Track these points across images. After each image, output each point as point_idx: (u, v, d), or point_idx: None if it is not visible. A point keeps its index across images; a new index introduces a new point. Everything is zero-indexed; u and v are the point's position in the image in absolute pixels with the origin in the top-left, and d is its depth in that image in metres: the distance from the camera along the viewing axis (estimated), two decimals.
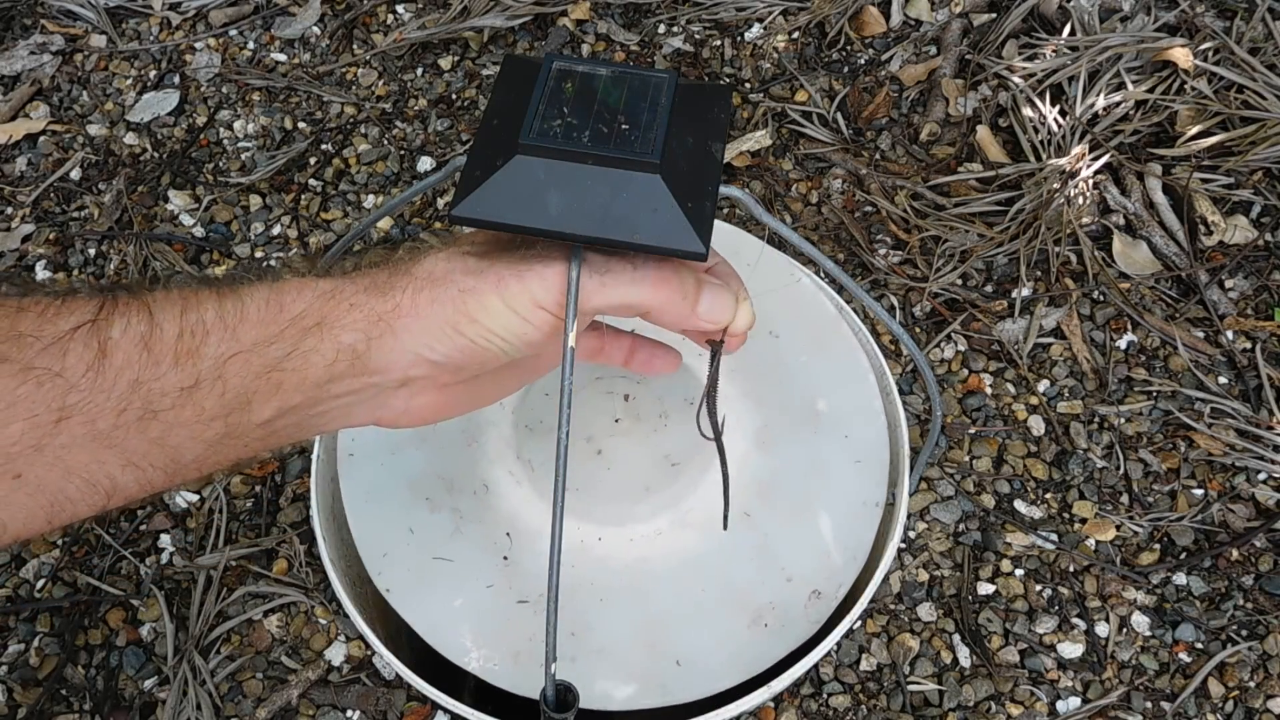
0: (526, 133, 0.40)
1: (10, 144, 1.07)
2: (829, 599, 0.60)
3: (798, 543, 0.62)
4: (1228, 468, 0.87)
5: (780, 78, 1.10)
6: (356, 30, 1.15)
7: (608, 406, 0.63)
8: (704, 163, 0.43)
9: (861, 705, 0.79)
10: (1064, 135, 1.02)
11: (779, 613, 0.59)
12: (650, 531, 0.61)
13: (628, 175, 0.40)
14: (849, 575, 0.61)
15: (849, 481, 0.63)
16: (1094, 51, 1.05)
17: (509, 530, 0.61)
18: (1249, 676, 0.80)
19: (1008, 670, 0.80)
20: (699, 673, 0.58)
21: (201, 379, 0.38)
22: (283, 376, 0.40)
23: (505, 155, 0.41)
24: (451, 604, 0.59)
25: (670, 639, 0.59)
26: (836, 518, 0.62)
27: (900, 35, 1.13)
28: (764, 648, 0.59)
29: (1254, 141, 1.00)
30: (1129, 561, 0.84)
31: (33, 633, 0.81)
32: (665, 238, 0.40)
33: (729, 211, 1.01)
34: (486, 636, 0.58)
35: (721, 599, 0.60)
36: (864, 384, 0.67)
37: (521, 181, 0.40)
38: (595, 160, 0.40)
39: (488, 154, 0.41)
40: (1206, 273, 0.96)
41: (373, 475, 0.63)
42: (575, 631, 0.59)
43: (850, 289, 0.49)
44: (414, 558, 0.61)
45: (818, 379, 0.67)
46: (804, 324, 0.68)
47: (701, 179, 0.42)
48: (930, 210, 1.00)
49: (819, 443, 0.65)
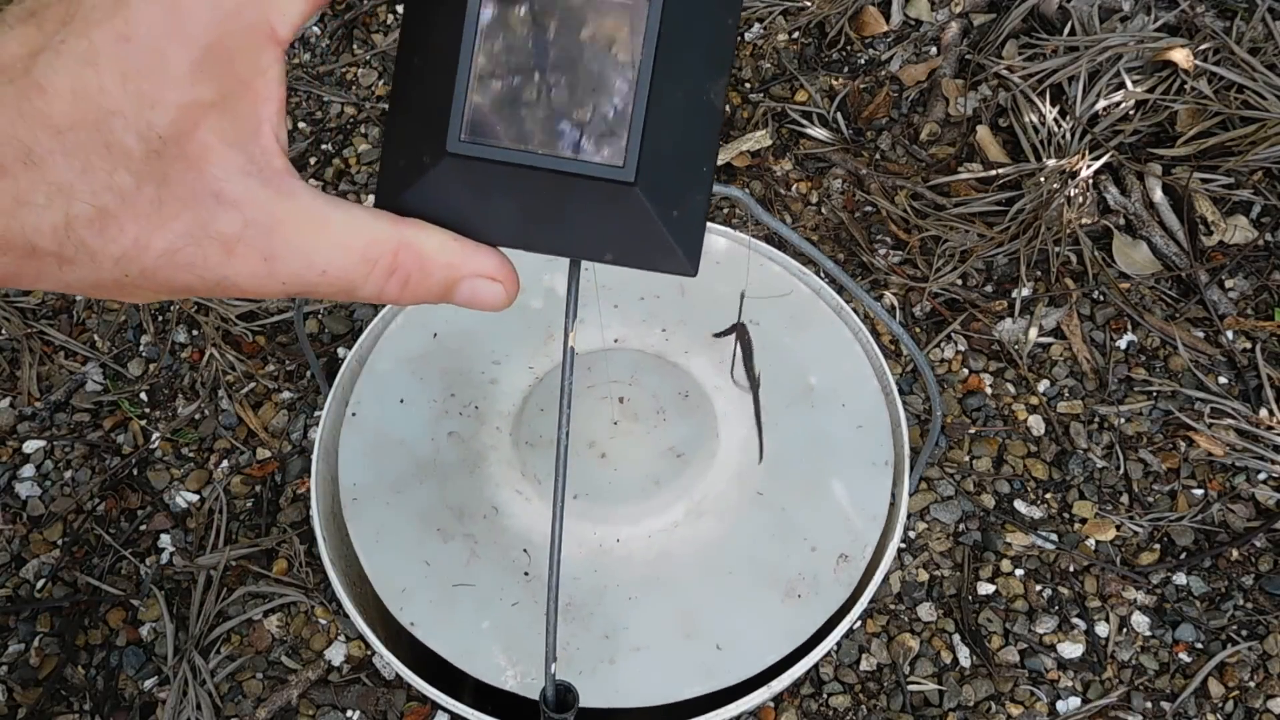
0: (455, 126, 0.30)
1: None
2: (857, 560, 0.61)
3: (815, 512, 0.63)
4: (1228, 468, 0.87)
5: (780, 78, 1.10)
6: (356, 30, 1.15)
7: (604, 410, 0.64)
8: (697, 127, 0.32)
9: (861, 705, 0.79)
10: (1064, 135, 1.02)
11: (810, 582, 0.61)
12: (667, 524, 0.62)
13: (593, 187, 0.31)
14: (872, 535, 0.62)
15: (853, 446, 0.65)
16: (1094, 51, 1.05)
17: (525, 547, 0.62)
18: (1249, 676, 0.80)
19: (1008, 670, 0.80)
20: (741, 653, 0.59)
21: None
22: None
23: (431, 152, 0.31)
24: (479, 627, 0.60)
25: (706, 625, 0.60)
26: (848, 482, 0.64)
27: (900, 35, 1.13)
28: (802, 618, 0.60)
29: (1254, 141, 1.00)
30: (1129, 561, 0.84)
31: (33, 633, 0.81)
32: (645, 257, 0.32)
33: (729, 212, 1.01)
34: (519, 653, 0.59)
35: (751, 578, 0.61)
36: (851, 353, 0.68)
37: (456, 187, 0.31)
38: (549, 170, 0.30)
39: (411, 134, 0.32)
40: (1206, 273, 0.96)
41: (380, 515, 0.63)
42: (609, 634, 0.59)
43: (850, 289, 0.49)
44: (434, 589, 0.61)
45: (804, 356, 0.68)
46: (781, 306, 0.70)
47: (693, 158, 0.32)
48: (930, 210, 1.00)
49: (817, 415, 0.66)
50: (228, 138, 0.27)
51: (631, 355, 0.67)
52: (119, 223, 0.26)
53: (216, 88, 0.27)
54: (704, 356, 0.68)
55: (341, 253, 0.29)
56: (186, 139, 0.26)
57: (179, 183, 0.26)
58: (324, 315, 0.95)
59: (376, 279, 0.30)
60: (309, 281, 0.29)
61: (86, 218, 0.26)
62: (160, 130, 0.26)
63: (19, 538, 0.86)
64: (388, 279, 0.30)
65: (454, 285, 0.31)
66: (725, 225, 0.78)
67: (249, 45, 0.27)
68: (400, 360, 0.68)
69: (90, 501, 0.87)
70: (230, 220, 0.27)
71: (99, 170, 0.26)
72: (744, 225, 0.99)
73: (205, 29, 0.26)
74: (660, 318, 0.70)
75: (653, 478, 0.62)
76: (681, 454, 0.63)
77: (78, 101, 0.26)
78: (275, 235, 0.28)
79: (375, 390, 0.67)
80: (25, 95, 0.26)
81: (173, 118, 0.26)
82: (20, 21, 0.27)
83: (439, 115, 0.31)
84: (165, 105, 0.26)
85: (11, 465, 0.89)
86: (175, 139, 0.26)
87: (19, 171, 0.25)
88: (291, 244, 0.28)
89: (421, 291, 0.31)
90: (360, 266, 0.29)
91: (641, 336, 0.69)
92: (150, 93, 0.26)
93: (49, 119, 0.26)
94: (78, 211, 0.26)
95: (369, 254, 0.29)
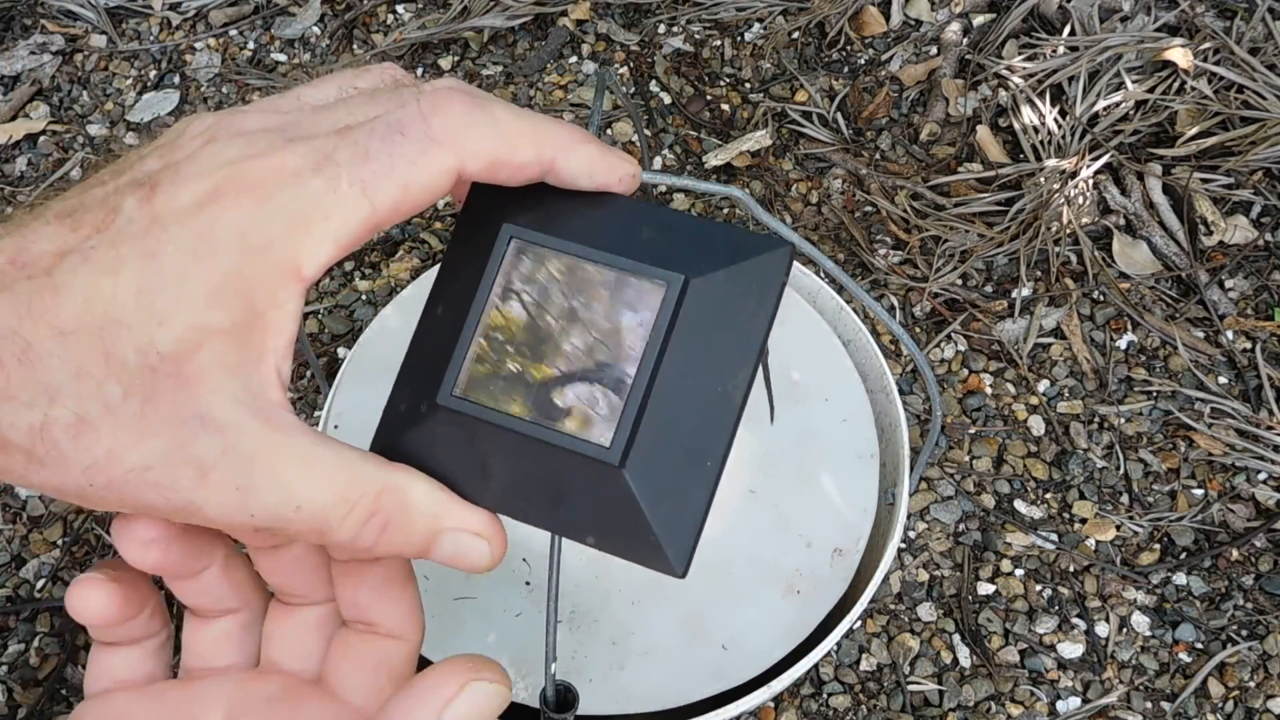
0: (451, 379, 0.30)
1: (10, 144, 1.07)
2: (851, 554, 0.62)
3: (808, 507, 0.63)
4: (1228, 468, 0.87)
5: (780, 78, 1.10)
6: (356, 30, 1.15)
7: None
8: (707, 418, 0.29)
9: (861, 705, 0.79)
10: (1064, 135, 1.02)
11: (808, 577, 0.61)
12: None
13: (582, 464, 0.29)
14: (864, 528, 0.63)
15: (840, 440, 0.65)
16: (1094, 51, 1.05)
17: (525, 556, 0.62)
18: (1249, 676, 0.80)
19: (1008, 670, 0.80)
20: (747, 652, 0.59)
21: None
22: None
23: (429, 402, 0.30)
24: (484, 640, 0.59)
25: (711, 626, 0.60)
26: (837, 476, 0.64)
27: (900, 35, 1.13)
28: (803, 614, 0.60)
29: (1254, 141, 1.00)
30: (1129, 561, 0.84)
31: (33, 633, 0.81)
32: (629, 547, 0.30)
33: (729, 212, 1.01)
34: (527, 663, 0.58)
35: (751, 576, 0.61)
36: (830, 347, 0.69)
37: (448, 441, 0.30)
38: (537, 437, 0.29)
39: (416, 380, 0.31)
40: (1206, 273, 0.96)
41: None
42: (615, 640, 0.59)
43: (850, 289, 0.49)
44: (434, 604, 0.60)
45: (785, 352, 0.68)
46: None
47: (698, 451, 0.29)
48: (930, 210, 1.00)
49: (802, 411, 0.66)
50: (228, 364, 0.26)
51: None
52: (97, 432, 0.26)
53: (229, 315, 0.26)
54: None
55: (321, 489, 0.27)
56: (186, 360, 0.26)
57: (166, 401, 0.26)
58: (324, 315, 0.95)
59: (354, 521, 0.28)
60: (282, 516, 0.27)
61: (65, 423, 0.25)
62: (161, 347, 0.26)
63: (19, 538, 0.86)
64: (366, 522, 0.28)
65: (437, 537, 0.30)
66: None
67: (271, 279, 0.27)
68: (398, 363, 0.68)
69: None
70: (209, 445, 0.26)
71: (91, 378, 0.25)
72: (744, 225, 0.99)
73: (231, 258, 0.26)
74: None
75: None
76: None
77: (88, 306, 0.25)
78: (255, 466, 0.27)
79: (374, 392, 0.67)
80: (39, 293, 0.25)
81: (178, 336, 0.26)
82: (58, 219, 0.27)
83: (440, 366, 0.30)
84: (173, 324, 0.26)
85: None
86: (174, 358, 0.26)
87: (12, 367, 0.25)
88: (270, 476, 0.27)
89: (400, 540, 0.29)
90: (338, 506, 0.28)
91: None
92: (162, 310, 0.26)
93: (56, 320, 0.25)
94: (57, 415, 0.25)
95: (349, 494, 0.28)
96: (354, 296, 0.96)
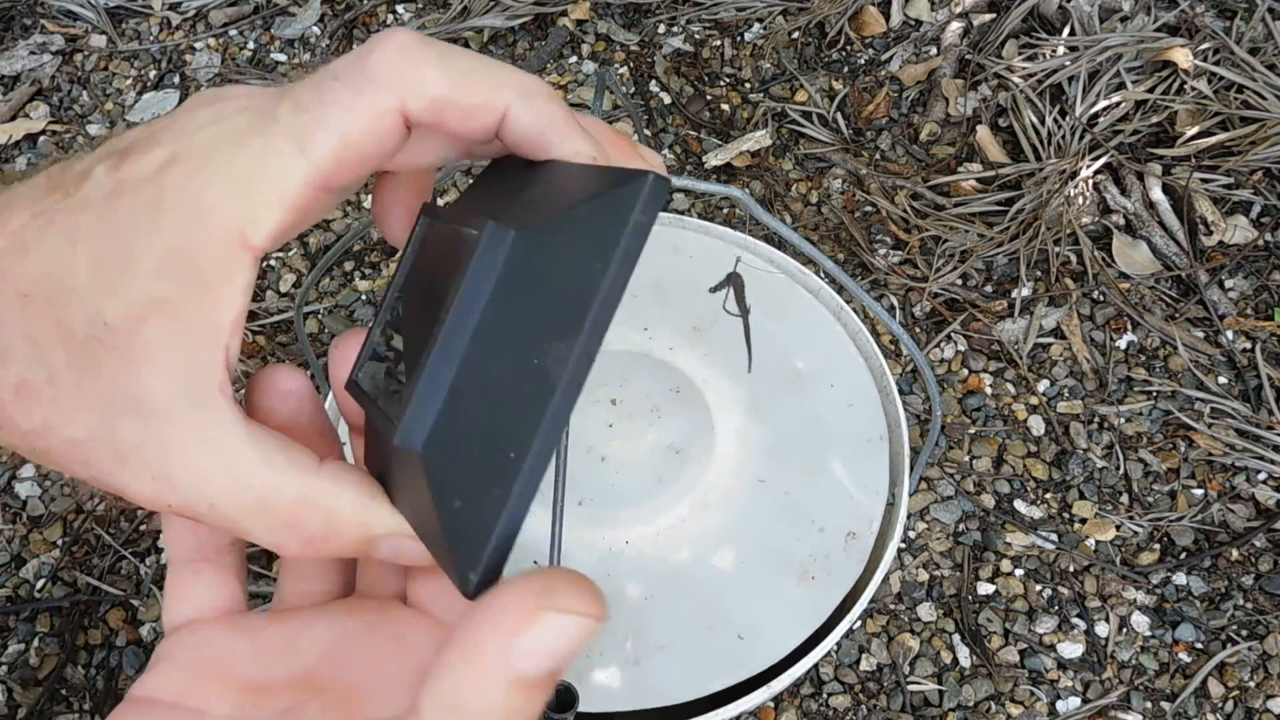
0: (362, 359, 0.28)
1: (10, 144, 1.07)
2: (865, 536, 0.62)
3: (819, 493, 0.63)
4: (1228, 468, 0.87)
5: (780, 78, 1.10)
6: (356, 30, 1.15)
7: (598, 414, 0.64)
8: (516, 401, 0.23)
9: (861, 705, 0.79)
10: (1064, 135, 1.02)
11: (822, 563, 0.61)
12: (674, 521, 0.62)
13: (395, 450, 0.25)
14: (876, 510, 0.63)
15: (848, 425, 0.66)
16: (1094, 51, 1.05)
17: (535, 559, 0.62)
18: (1249, 676, 0.80)
19: (1008, 670, 0.80)
20: (764, 640, 0.59)
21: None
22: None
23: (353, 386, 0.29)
24: None
25: (726, 616, 0.60)
26: (847, 460, 0.64)
27: (900, 35, 1.13)
28: (819, 599, 0.60)
29: (1254, 141, 1.00)
30: (1129, 561, 0.84)
31: (33, 633, 0.81)
32: (435, 552, 0.26)
33: (728, 212, 1.01)
34: None
35: (764, 565, 0.61)
36: (833, 334, 0.69)
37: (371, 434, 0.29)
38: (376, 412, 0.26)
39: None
40: (1206, 273, 0.96)
41: None
42: (631, 636, 0.59)
43: (850, 289, 0.49)
44: None
45: (788, 342, 0.69)
46: (760, 295, 0.70)
47: (500, 440, 0.23)
48: (930, 210, 1.00)
49: (808, 398, 0.67)
50: (173, 339, 0.25)
51: (618, 356, 0.68)
52: (37, 400, 0.25)
53: (176, 287, 0.25)
54: (689, 351, 0.68)
55: (237, 492, 0.26)
56: (132, 333, 0.25)
57: (107, 376, 0.25)
58: (324, 315, 0.95)
59: (269, 527, 0.26)
60: (198, 512, 0.26)
61: (11, 385, 0.25)
62: (108, 318, 0.25)
63: (19, 538, 0.86)
64: (286, 533, 0.27)
65: (372, 544, 0.28)
66: (725, 225, 0.78)
67: (217, 248, 0.25)
68: None
69: (90, 501, 0.87)
70: (133, 430, 0.25)
71: (40, 344, 0.25)
72: (744, 225, 0.99)
73: (177, 229, 0.25)
74: (641, 316, 0.70)
75: (654, 475, 0.63)
76: (680, 449, 0.63)
77: (46, 271, 0.25)
78: (172, 458, 0.25)
79: None
80: (8, 253, 0.25)
81: (124, 308, 0.25)
82: (46, 181, 0.26)
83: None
84: (121, 295, 0.25)
85: (11, 465, 0.89)
86: (121, 330, 0.25)
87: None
88: (187, 470, 0.25)
89: (329, 548, 0.27)
90: (253, 511, 0.26)
91: (625, 336, 0.69)
92: (111, 281, 0.25)
93: (18, 282, 0.25)
94: (5, 377, 0.25)
95: (266, 500, 0.26)
96: (354, 296, 0.97)
